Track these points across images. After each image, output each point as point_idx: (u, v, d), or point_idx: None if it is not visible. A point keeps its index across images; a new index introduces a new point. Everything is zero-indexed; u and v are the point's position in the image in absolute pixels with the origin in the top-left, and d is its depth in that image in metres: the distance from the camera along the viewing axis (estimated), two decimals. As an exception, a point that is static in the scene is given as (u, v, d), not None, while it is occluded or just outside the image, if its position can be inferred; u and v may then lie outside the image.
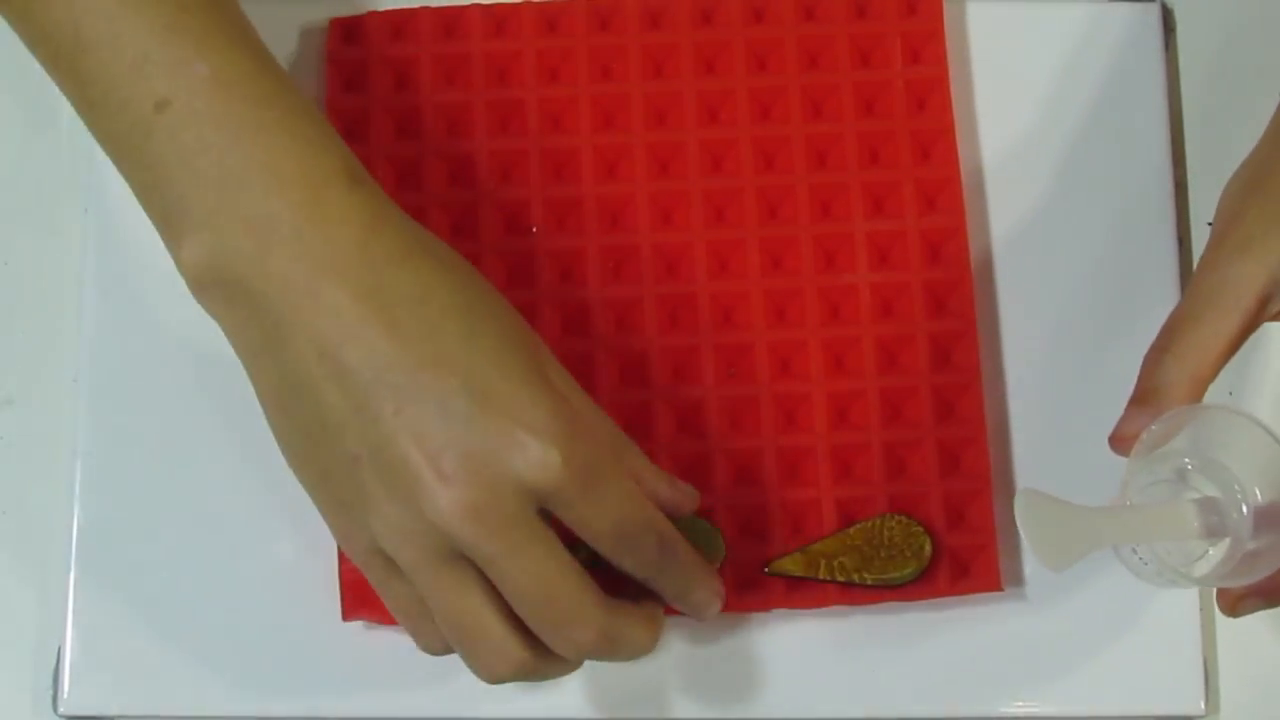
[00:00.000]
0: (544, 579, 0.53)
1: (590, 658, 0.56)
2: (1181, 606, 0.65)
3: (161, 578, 0.65)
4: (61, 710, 0.65)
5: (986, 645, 0.65)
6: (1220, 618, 0.65)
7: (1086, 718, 0.65)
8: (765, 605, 0.64)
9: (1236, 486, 0.57)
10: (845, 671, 0.65)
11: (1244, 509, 0.56)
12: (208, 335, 0.56)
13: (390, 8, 0.70)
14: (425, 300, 0.53)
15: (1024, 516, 0.53)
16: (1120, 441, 0.56)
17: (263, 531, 0.65)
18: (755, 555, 0.65)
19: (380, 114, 0.69)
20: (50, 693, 0.65)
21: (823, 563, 0.64)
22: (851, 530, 0.65)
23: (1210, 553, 0.57)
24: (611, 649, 0.55)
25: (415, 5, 0.70)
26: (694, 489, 0.60)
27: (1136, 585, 0.61)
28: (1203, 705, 0.64)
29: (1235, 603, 0.57)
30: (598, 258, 0.67)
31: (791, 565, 0.64)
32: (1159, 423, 0.55)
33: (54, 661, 0.65)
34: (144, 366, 0.67)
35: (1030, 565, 0.65)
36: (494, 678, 0.55)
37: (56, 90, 0.71)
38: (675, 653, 0.65)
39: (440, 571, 0.53)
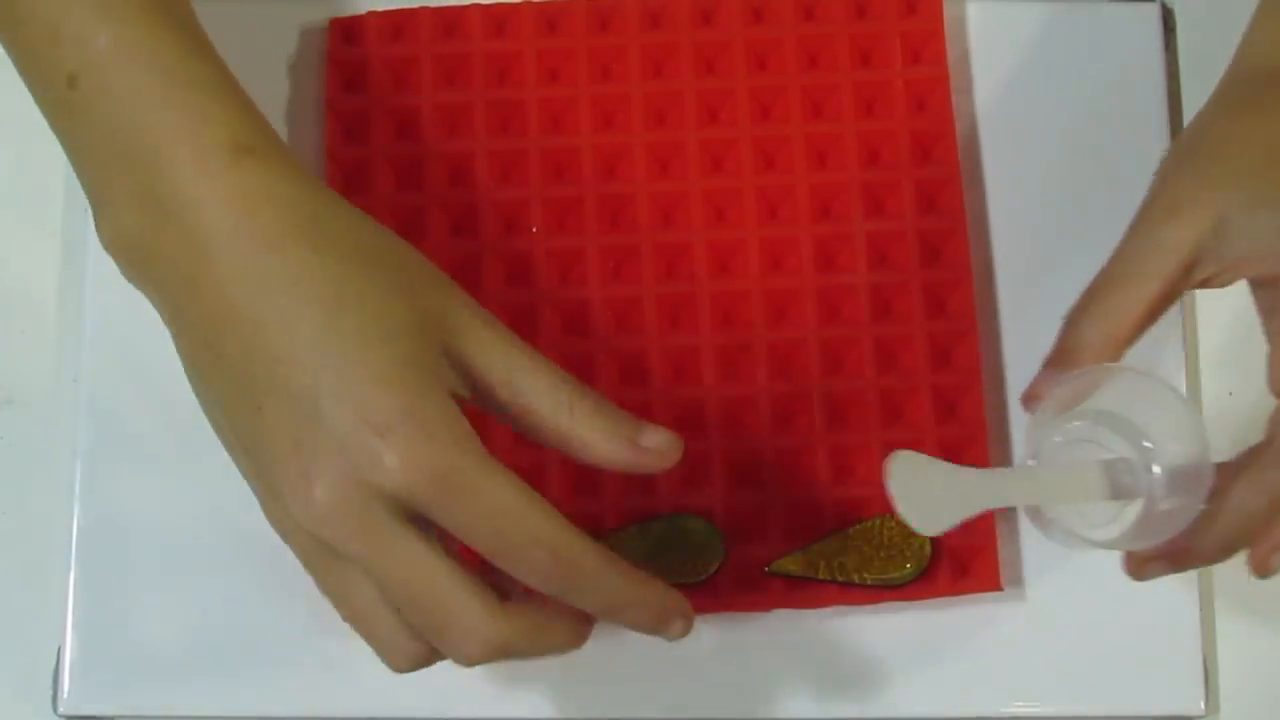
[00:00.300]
0: (411, 585, 0.51)
1: (486, 662, 0.53)
2: (1181, 606, 0.65)
3: (161, 578, 0.65)
4: (61, 710, 0.65)
5: (986, 645, 0.65)
6: (1220, 618, 0.65)
7: (1086, 718, 0.65)
8: (765, 605, 0.64)
9: (1148, 444, 0.55)
10: (845, 671, 0.65)
11: (1155, 469, 0.55)
12: (208, 335, 0.56)
13: (390, 8, 0.70)
14: (289, 290, 0.51)
15: (895, 478, 0.52)
16: (1030, 400, 0.55)
17: (263, 531, 0.65)
18: (755, 555, 0.65)
19: (380, 114, 0.69)
20: (50, 693, 0.65)
21: (823, 563, 0.64)
22: (851, 530, 0.65)
23: (1125, 514, 0.56)
24: (506, 655, 0.52)
25: (415, 5, 0.70)
26: (666, 439, 0.55)
27: (1136, 585, 0.61)
28: (1203, 705, 0.64)
29: (1141, 565, 0.56)
30: (598, 258, 0.67)
31: (791, 565, 0.64)
32: (1064, 382, 0.54)
33: (54, 661, 0.65)
34: (144, 366, 0.67)
35: (1030, 565, 0.65)
36: (396, 670, 0.54)
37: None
38: (675, 652, 0.65)
39: (321, 568, 0.53)
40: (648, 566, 0.64)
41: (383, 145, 0.68)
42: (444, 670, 0.64)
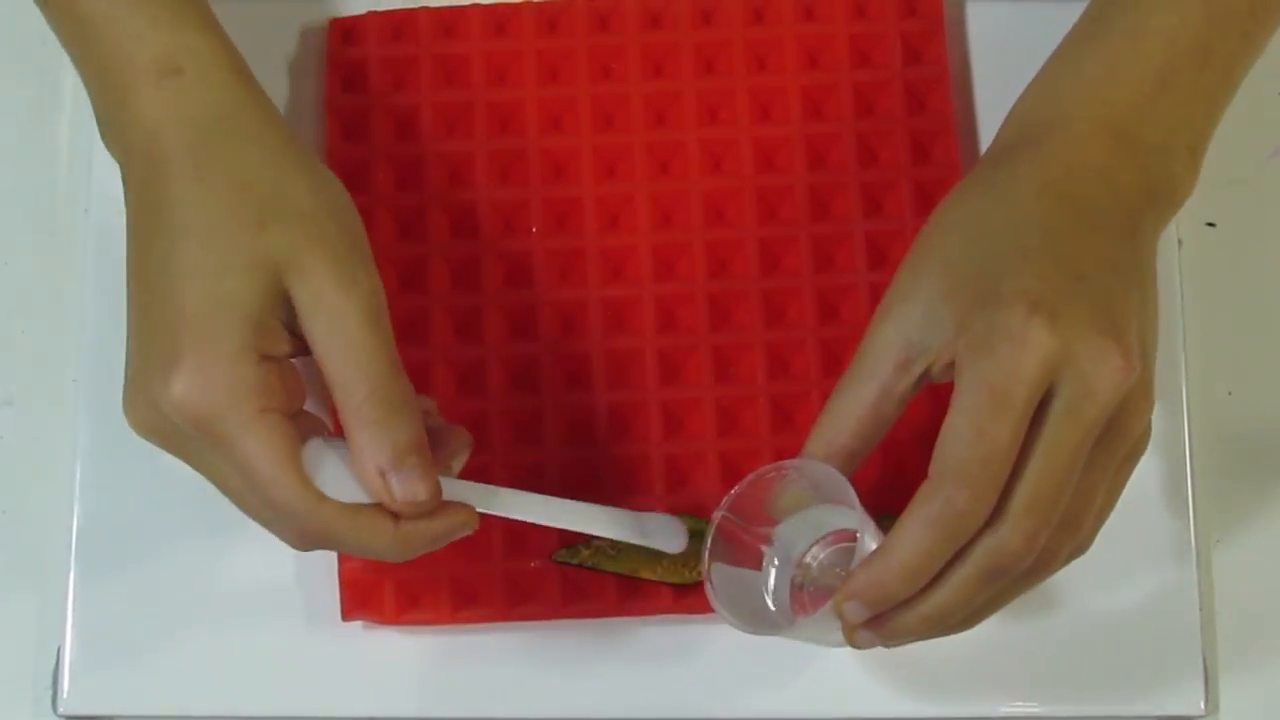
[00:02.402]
0: (228, 488, 0.54)
1: (314, 549, 0.55)
2: (1181, 606, 0.65)
3: (161, 578, 0.65)
4: (61, 710, 0.65)
5: (986, 645, 0.65)
6: (1220, 618, 0.65)
7: (1086, 718, 0.65)
8: (765, 605, 0.65)
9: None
10: (845, 671, 0.65)
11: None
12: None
13: (390, 8, 0.70)
14: (159, 212, 0.54)
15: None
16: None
17: (263, 531, 0.65)
18: (755, 555, 0.65)
19: (380, 114, 0.69)
20: (50, 693, 0.65)
21: (822, 563, 0.64)
22: (851, 530, 0.65)
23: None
24: (328, 546, 0.55)
25: (415, 5, 0.70)
26: (415, 491, 0.53)
27: (1136, 586, 0.61)
28: (1203, 705, 0.64)
29: (852, 633, 0.56)
30: (597, 258, 0.67)
31: (791, 565, 0.64)
32: (739, 488, 0.58)
33: (54, 661, 0.65)
34: (144, 366, 0.67)
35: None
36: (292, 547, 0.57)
37: (56, 90, 0.71)
38: (675, 652, 0.65)
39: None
40: (646, 567, 0.64)
41: (383, 145, 0.68)
42: (444, 670, 0.65)
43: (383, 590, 0.64)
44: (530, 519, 0.58)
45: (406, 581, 0.64)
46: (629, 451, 0.65)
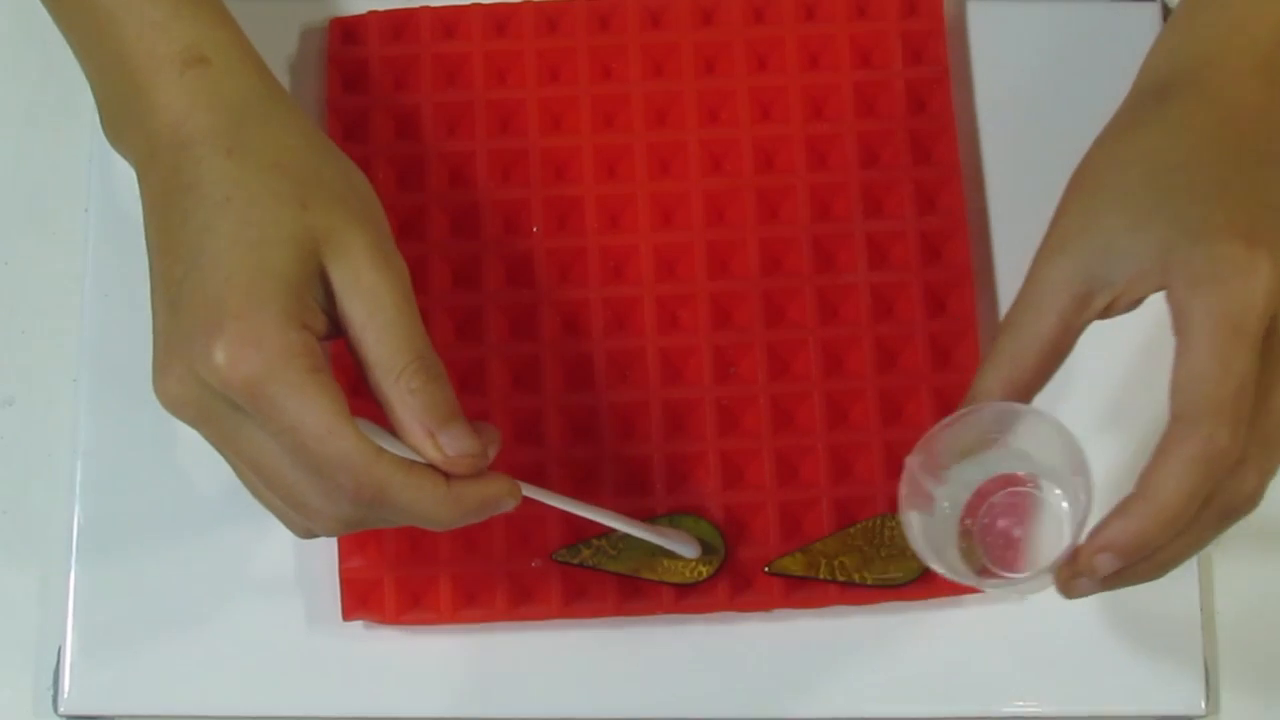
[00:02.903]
0: (261, 467, 0.54)
1: (341, 534, 0.55)
2: (1182, 606, 0.65)
3: (161, 578, 0.65)
4: (61, 710, 0.65)
5: (986, 645, 0.65)
6: (1220, 618, 0.65)
7: (1086, 717, 0.65)
8: (765, 605, 0.64)
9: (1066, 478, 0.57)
10: (845, 671, 0.65)
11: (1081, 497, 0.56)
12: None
13: (390, 8, 0.70)
14: (193, 189, 0.54)
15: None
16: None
17: (263, 531, 0.65)
18: (755, 555, 0.65)
19: (380, 114, 0.69)
20: (50, 693, 0.65)
21: (823, 563, 0.64)
22: (851, 530, 0.65)
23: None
24: (358, 528, 0.55)
25: (415, 5, 0.70)
26: (465, 446, 0.55)
27: (1136, 585, 0.61)
28: (1203, 705, 0.64)
29: (1068, 583, 0.55)
30: (598, 258, 0.67)
31: (791, 565, 0.64)
32: (944, 425, 0.56)
33: (54, 661, 0.65)
34: (144, 366, 0.67)
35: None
36: (298, 536, 0.57)
37: (56, 90, 0.71)
38: (675, 652, 0.65)
39: (212, 445, 0.55)
40: (646, 567, 0.64)
41: (383, 145, 0.68)
42: (444, 670, 0.65)
43: (383, 590, 0.64)
44: (563, 509, 0.60)
45: (406, 581, 0.64)
46: (630, 451, 0.65)
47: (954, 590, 0.64)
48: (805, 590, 0.64)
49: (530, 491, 0.58)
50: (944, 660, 0.65)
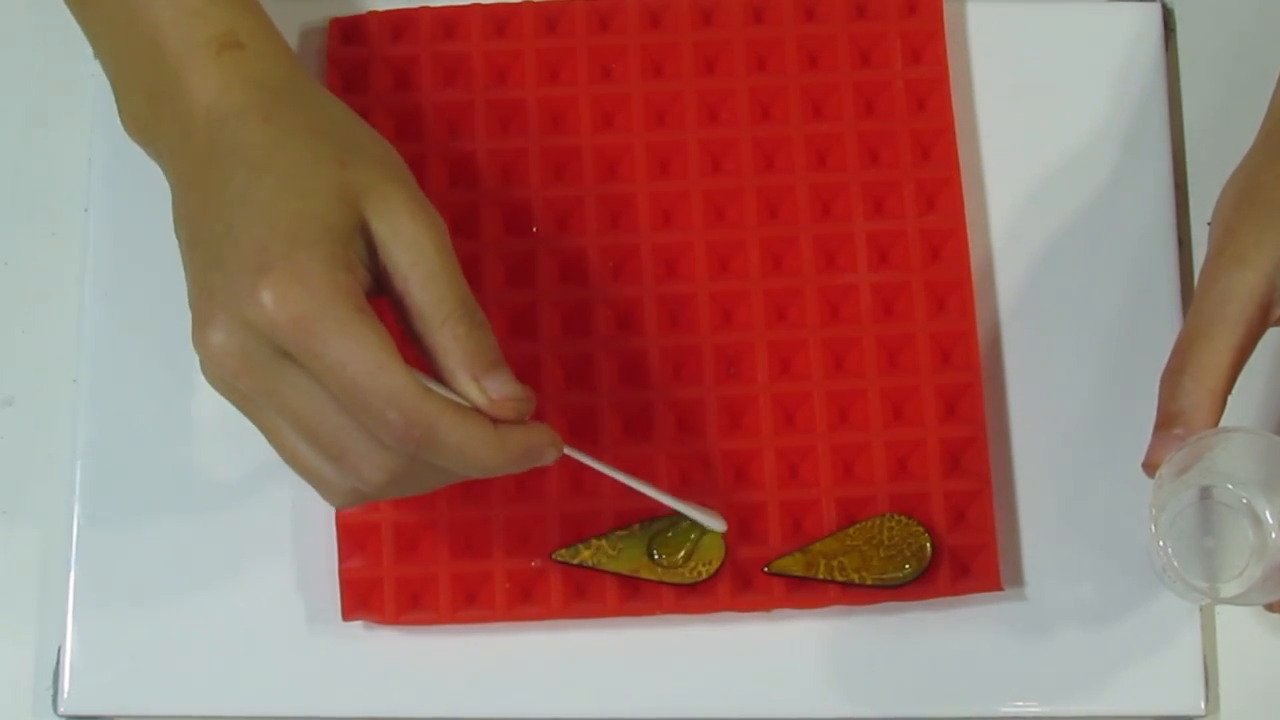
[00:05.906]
0: (304, 418, 0.54)
1: (385, 489, 0.55)
2: (1181, 607, 0.65)
3: (161, 578, 0.65)
4: (61, 710, 0.65)
5: (986, 645, 0.65)
6: (1220, 618, 0.65)
7: (1086, 717, 0.65)
8: (765, 605, 0.64)
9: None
10: (845, 671, 0.65)
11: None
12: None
13: (390, 8, 0.70)
14: (233, 154, 0.55)
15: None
16: (1150, 468, 0.58)
17: (263, 531, 0.65)
18: (755, 555, 0.65)
19: (380, 114, 0.69)
20: (50, 693, 0.65)
21: (823, 563, 0.64)
22: (851, 530, 0.65)
23: (1249, 570, 0.61)
24: (399, 483, 0.55)
25: (415, 5, 0.70)
26: (510, 390, 0.55)
27: (1136, 585, 0.61)
28: (1203, 705, 0.64)
29: None
30: (598, 258, 0.67)
31: (791, 565, 0.64)
32: (1185, 448, 0.57)
33: (54, 661, 0.65)
34: (144, 366, 0.67)
35: (1030, 565, 0.65)
36: (333, 505, 0.57)
37: (56, 91, 0.71)
38: (675, 652, 0.65)
39: (246, 410, 0.55)
40: (646, 567, 0.64)
41: (383, 145, 0.68)
42: (444, 670, 0.65)
43: (383, 590, 0.64)
44: (601, 471, 0.60)
45: (406, 581, 0.64)
46: (630, 451, 0.65)
47: (954, 590, 0.64)
48: (805, 590, 0.64)
49: (570, 451, 0.58)
50: (944, 660, 0.65)
